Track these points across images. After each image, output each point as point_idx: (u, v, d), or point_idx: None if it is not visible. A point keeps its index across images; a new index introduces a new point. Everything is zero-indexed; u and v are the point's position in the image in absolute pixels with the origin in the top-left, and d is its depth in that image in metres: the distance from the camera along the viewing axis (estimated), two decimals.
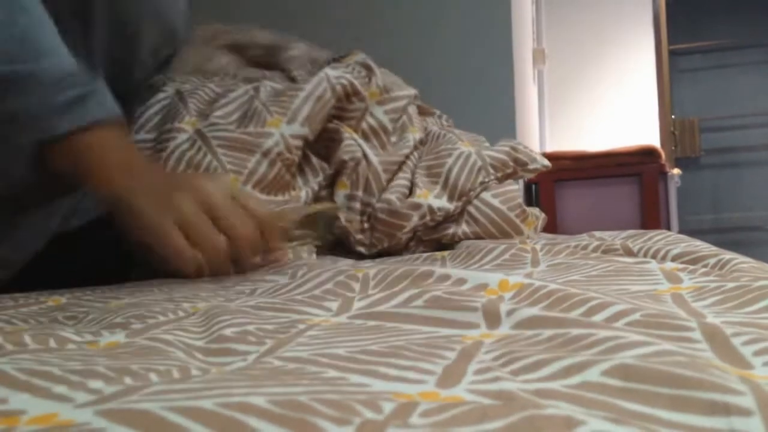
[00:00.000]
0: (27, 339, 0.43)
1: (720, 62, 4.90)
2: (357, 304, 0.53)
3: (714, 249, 0.70)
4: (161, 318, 0.52)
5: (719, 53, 4.88)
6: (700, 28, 4.81)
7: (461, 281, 0.56)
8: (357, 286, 0.60)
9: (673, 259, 0.69)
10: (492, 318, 0.43)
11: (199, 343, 0.44)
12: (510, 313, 0.43)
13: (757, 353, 0.33)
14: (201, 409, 0.25)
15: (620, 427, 0.23)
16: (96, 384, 0.31)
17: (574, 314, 0.43)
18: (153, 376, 0.33)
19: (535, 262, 0.74)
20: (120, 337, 0.46)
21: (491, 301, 0.46)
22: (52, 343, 0.43)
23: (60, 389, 0.30)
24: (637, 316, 0.40)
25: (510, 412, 0.24)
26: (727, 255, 0.65)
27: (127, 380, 0.32)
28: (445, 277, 0.57)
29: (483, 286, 0.54)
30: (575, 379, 0.29)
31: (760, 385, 0.25)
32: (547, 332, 0.38)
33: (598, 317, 0.41)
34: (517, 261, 0.77)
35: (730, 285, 0.49)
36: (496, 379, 0.30)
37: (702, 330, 0.37)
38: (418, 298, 0.49)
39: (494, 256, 0.81)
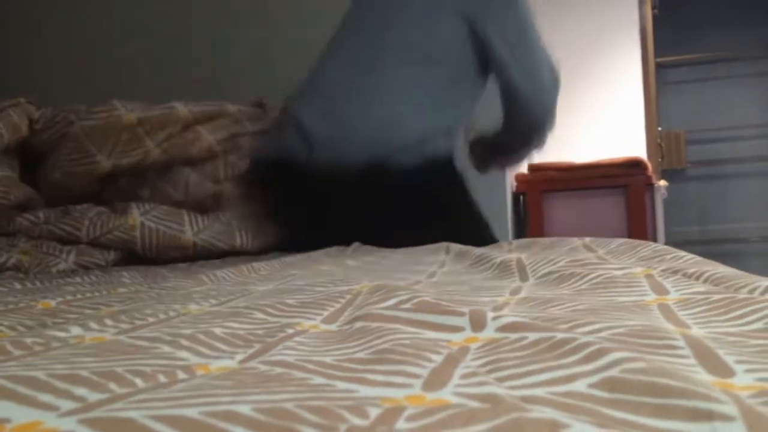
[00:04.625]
0: (9, 347, 0.42)
1: (706, 75, 4.94)
2: (347, 312, 0.53)
3: (699, 265, 0.70)
4: (151, 320, 0.52)
5: (706, 66, 4.92)
6: (687, 40, 4.84)
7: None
8: (349, 296, 0.60)
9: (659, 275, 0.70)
10: (477, 322, 0.43)
11: (187, 332, 0.44)
12: (495, 317, 0.43)
13: (740, 362, 0.33)
14: (185, 418, 0.25)
15: (604, 431, 0.23)
16: (80, 391, 0.31)
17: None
18: (138, 381, 0.33)
19: (523, 276, 0.74)
20: (107, 335, 0.46)
21: (478, 307, 0.46)
22: (37, 346, 0.43)
23: (45, 397, 0.30)
24: (621, 329, 0.40)
25: (496, 414, 0.24)
26: (708, 267, 0.65)
27: (112, 386, 0.32)
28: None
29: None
30: (561, 388, 0.30)
31: (740, 397, 0.26)
32: (532, 336, 0.38)
33: (583, 329, 0.42)
34: (505, 271, 0.77)
35: (716, 297, 0.49)
36: (482, 383, 0.30)
37: (686, 340, 0.37)
38: (407, 302, 0.50)
39: (486, 267, 0.81)
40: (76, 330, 0.47)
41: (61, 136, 1.45)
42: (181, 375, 0.35)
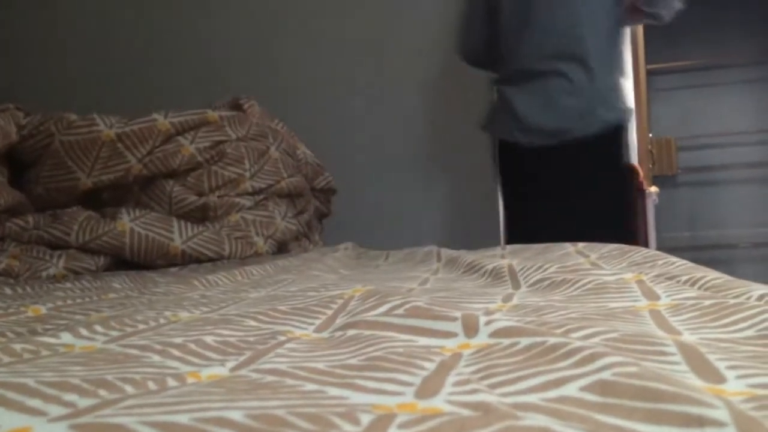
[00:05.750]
0: None
1: (697, 82, 4.96)
2: (339, 320, 0.52)
3: (691, 271, 0.71)
4: (141, 326, 0.52)
5: (696, 73, 4.95)
6: (678, 48, 4.87)
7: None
8: (341, 302, 0.60)
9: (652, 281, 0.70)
10: (470, 327, 0.43)
11: (178, 341, 0.44)
12: (488, 322, 0.43)
13: (731, 368, 0.33)
14: (176, 424, 0.25)
15: None
16: (70, 397, 0.31)
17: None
18: (128, 388, 0.33)
19: (515, 284, 0.74)
20: (97, 344, 0.46)
21: (470, 312, 0.46)
22: (27, 354, 0.42)
23: (34, 402, 0.30)
24: (614, 335, 0.40)
25: (488, 422, 0.24)
26: (699, 273, 0.65)
27: (102, 392, 0.32)
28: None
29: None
30: (553, 393, 0.29)
31: (732, 402, 0.26)
32: (525, 341, 0.38)
33: (575, 335, 0.42)
34: (498, 279, 0.77)
35: (707, 303, 0.49)
36: (474, 391, 0.30)
37: (678, 346, 0.37)
38: (399, 307, 0.50)
39: (479, 274, 0.81)
40: (66, 337, 0.46)
41: (44, 147, 1.44)
42: (171, 382, 0.35)
